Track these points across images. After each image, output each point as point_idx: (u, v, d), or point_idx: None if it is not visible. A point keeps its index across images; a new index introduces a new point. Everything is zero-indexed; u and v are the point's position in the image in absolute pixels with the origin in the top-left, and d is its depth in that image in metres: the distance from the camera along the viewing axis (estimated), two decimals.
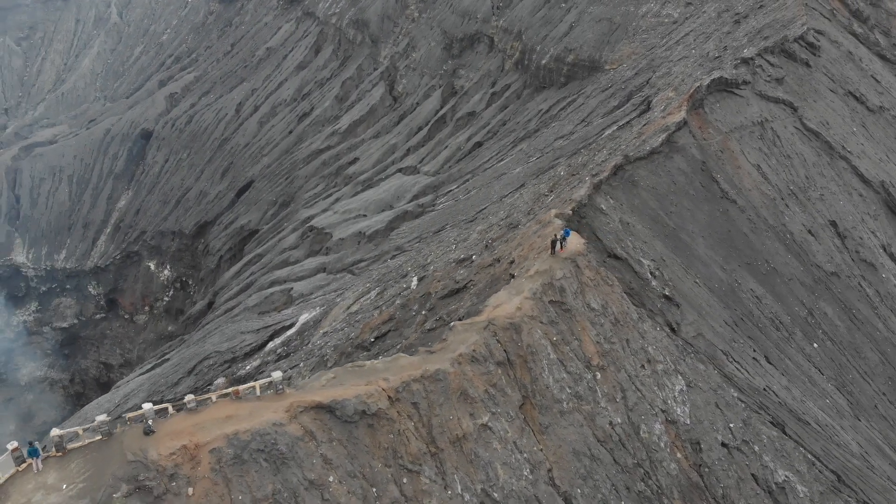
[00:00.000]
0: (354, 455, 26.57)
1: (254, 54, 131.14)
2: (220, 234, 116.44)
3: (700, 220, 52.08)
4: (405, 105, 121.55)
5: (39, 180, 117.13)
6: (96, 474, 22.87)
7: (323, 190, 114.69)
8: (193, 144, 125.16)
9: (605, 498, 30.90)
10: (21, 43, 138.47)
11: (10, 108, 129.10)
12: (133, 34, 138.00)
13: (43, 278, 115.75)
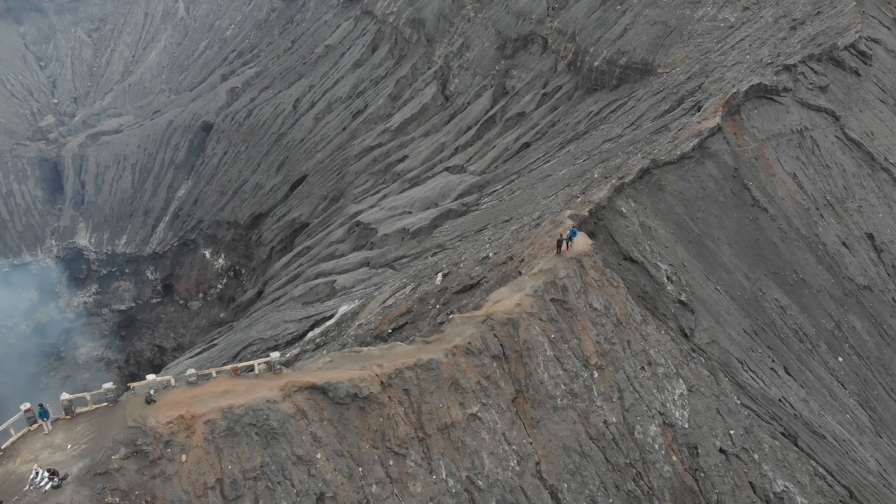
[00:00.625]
0: (343, 435, 28.20)
1: (313, 51, 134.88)
2: (273, 225, 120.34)
3: (727, 227, 51.92)
4: (456, 104, 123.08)
5: (104, 167, 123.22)
6: (99, 437, 25.13)
7: (372, 186, 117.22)
8: (251, 138, 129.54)
9: (592, 494, 31.72)
10: (91, 35, 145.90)
11: (79, 97, 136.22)
12: (198, 29, 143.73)
13: (104, 262, 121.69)
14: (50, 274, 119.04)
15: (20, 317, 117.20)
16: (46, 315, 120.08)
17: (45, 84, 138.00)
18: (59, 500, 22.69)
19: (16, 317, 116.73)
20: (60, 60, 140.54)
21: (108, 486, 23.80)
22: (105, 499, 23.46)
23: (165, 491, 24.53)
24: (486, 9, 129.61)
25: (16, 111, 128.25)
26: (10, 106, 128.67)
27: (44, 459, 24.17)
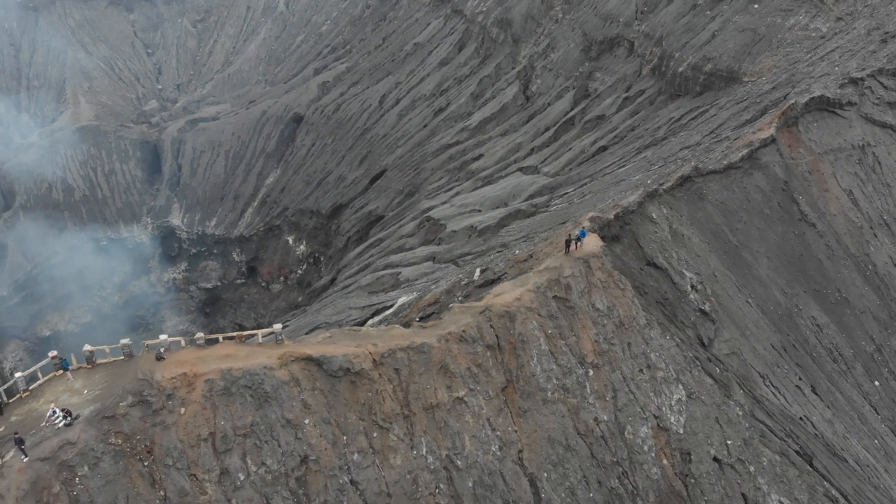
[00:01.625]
0: (333, 405, 30.95)
1: (402, 49, 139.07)
2: (351, 216, 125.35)
3: (769, 240, 51.57)
4: (536, 105, 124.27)
5: (200, 152, 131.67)
6: (112, 385, 28.91)
7: (446, 183, 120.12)
8: (338, 131, 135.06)
9: (572, 487, 33.19)
10: (197, 25, 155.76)
11: (181, 85, 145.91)
12: (296, 23, 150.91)
13: (194, 241, 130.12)
14: (144, 250, 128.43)
15: (114, 288, 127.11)
16: (138, 288, 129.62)
17: (151, 70, 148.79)
18: (68, 436, 26.46)
19: (109, 288, 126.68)
20: (166, 49, 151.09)
21: (112, 429, 27.44)
22: (109, 439, 27.09)
23: (163, 438, 27.97)
24: (574, 10, 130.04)
25: (122, 95, 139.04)
26: (118, 90, 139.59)
27: (62, 401, 28.13)
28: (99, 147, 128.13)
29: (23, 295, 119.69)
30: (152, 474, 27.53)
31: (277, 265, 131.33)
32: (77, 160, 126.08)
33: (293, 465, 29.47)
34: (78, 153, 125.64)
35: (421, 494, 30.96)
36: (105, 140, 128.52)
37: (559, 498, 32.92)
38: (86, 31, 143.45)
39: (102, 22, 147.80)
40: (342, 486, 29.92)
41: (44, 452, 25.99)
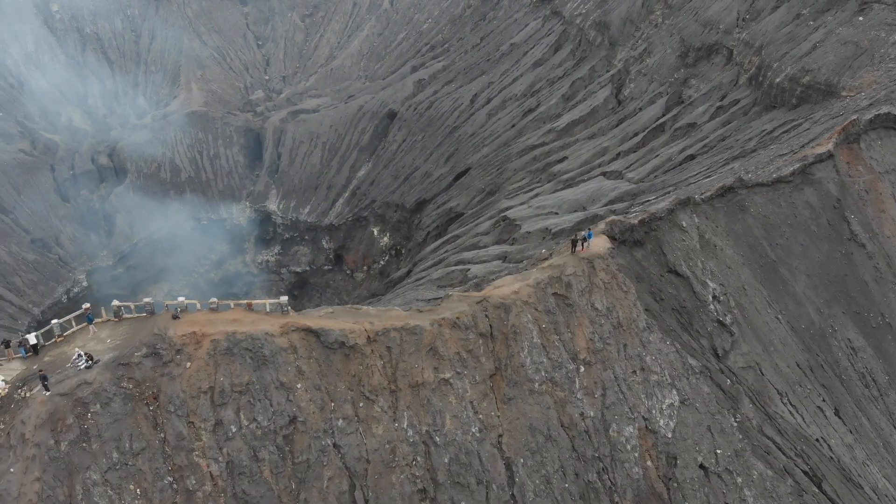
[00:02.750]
0: (325, 374, 34.28)
1: (498, 49, 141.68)
2: (433, 212, 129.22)
3: (813, 258, 50.92)
4: (627, 109, 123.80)
5: (299, 143, 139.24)
6: (131, 337, 33.37)
7: (527, 184, 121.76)
8: (429, 128, 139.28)
9: (548, 475, 35.09)
10: (305, 20, 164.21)
11: (287, 77, 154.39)
12: (399, 21, 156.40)
13: (288, 227, 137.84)
14: (241, 231, 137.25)
15: (211, 266, 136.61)
16: (233, 267, 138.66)
17: (259, 62, 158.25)
18: (86, 377, 31.01)
19: (207, 265, 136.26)
20: (275, 41, 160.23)
21: (126, 375, 31.82)
22: (121, 383, 31.48)
23: (168, 387, 32.12)
24: (674, 15, 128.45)
25: (232, 83, 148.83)
26: (228, 78, 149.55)
27: (88, 347, 32.79)
28: (206, 132, 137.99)
29: (126, 265, 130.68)
30: (155, 418, 31.70)
31: (362, 255, 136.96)
32: (185, 143, 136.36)
33: (282, 423, 32.95)
34: (186, 136, 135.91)
35: (398, 464, 33.73)
36: (212, 125, 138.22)
37: (533, 484, 34.82)
38: (202, 21, 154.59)
39: (217, 13, 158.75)
40: (324, 448, 33.14)
41: (64, 389, 30.63)
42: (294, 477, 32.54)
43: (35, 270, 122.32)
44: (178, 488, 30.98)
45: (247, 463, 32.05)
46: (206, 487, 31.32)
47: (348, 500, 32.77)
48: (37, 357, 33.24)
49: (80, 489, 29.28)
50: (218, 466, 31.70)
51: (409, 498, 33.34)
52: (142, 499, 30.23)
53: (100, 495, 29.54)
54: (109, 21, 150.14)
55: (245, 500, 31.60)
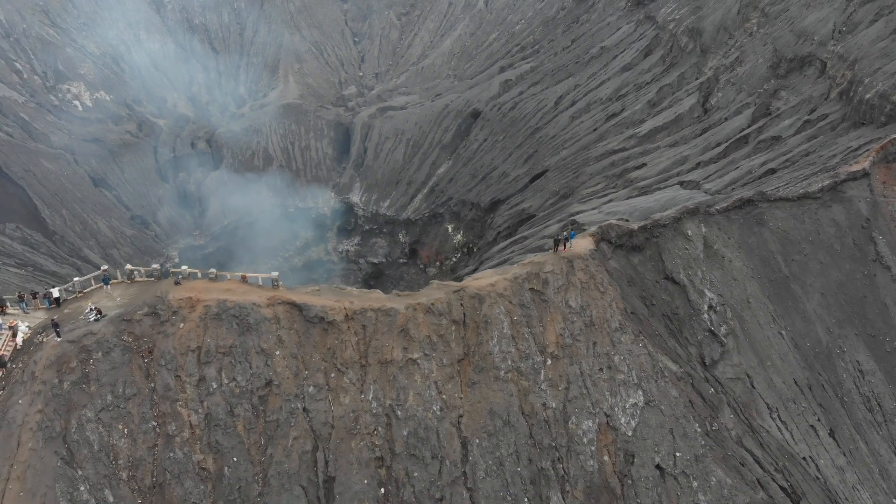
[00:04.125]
0: (302, 344, 38.43)
1: (588, 52, 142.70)
2: (506, 212, 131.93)
3: (831, 276, 50.89)
4: (712, 119, 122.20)
5: (385, 138, 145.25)
6: (137, 298, 38.65)
7: (601, 189, 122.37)
8: (511, 129, 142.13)
9: (502, 457, 37.85)
10: (401, 18, 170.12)
11: (379, 73, 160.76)
12: (492, 21, 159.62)
13: (368, 219, 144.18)
14: (324, 220, 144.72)
15: (295, 251, 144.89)
16: (315, 254, 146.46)
17: (355, 58, 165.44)
18: (93, 328, 36.40)
19: (291, 251, 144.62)
20: (371, 38, 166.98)
21: (127, 329, 37.04)
22: (122, 336, 36.71)
23: (162, 344, 37.11)
24: (770, 23, 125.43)
25: (327, 78, 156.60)
26: (323, 73, 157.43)
27: (101, 304, 38.28)
28: (299, 124, 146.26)
29: (217, 246, 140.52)
30: (148, 369, 36.75)
31: (435, 250, 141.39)
32: (279, 133, 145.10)
33: (258, 385, 37.31)
34: (280, 127, 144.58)
35: (359, 432, 37.40)
36: (305, 118, 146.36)
37: (486, 464, 37.61)
38: (303, 16, 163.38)
39: (318, 9, 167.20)
40: (294, 411, 37.24)
41: (72, 337, 36.13)
42: (264, 434, 36.80)
43: (132, 245, 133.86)
44: (160, 432, 35.87)
45: (223, 417, 36.57)
46: (185, 434, 36.06)
47: (310, 459, 36.71)
48: (58, 309, 39.11)
49: (75, 423, 34.61)
50: (197, 417, 36.38)
51: (366, 464, 36.92)
52: (127, 438, 35.30)
53: (91, 431, 34.79)
54: (217, 13, 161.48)
55: (218, 449, 36.13)
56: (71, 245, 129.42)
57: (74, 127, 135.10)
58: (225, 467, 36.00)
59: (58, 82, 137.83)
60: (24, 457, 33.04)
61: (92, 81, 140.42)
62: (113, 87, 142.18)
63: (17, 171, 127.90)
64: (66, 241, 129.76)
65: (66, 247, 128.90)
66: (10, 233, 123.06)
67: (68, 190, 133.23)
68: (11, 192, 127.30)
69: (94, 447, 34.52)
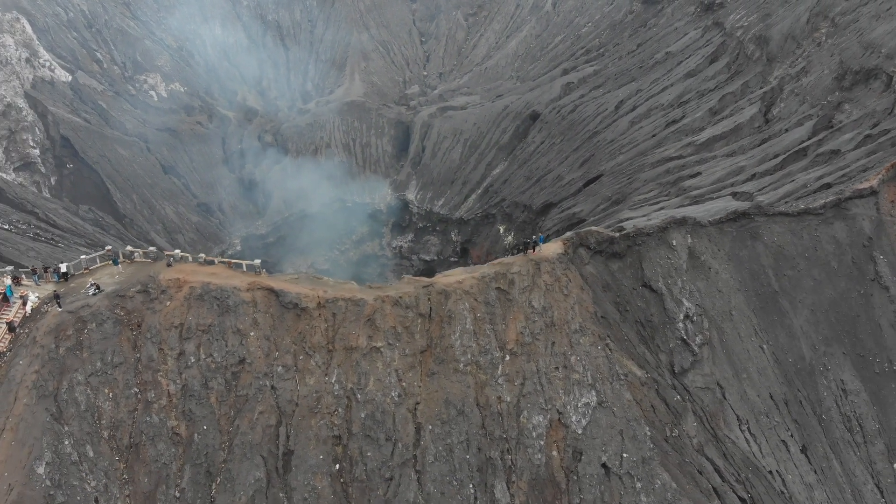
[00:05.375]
0: (276, 327, 42.33)
1: (652, 56, 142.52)
2: (556, 216, 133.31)
3: (824, 294, 51.31)
4: (773, 129, 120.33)
5: (443, 138, 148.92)
6: (132, 276, 43.37)
7: (654, 196, 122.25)
8: (569, 132, 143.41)
9: (452, 444, 40.76)
10: (468, 19, 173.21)
11: (443, 74, 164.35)
12: (559, 23, 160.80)
13: (422, 216, 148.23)
14: (380, 216, 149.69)
15: (351, 245, 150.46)
16: (370, 249, 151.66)
17: (420, 57, 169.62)
18: (90, 301, 41.26)
19: (347, 244, 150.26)
20: (438, 39, 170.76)
21: (120, 304, 41.76)
22: (115, 310, 41.44)
23: (149, 319, 41.66)
24: (838, 34, 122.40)
25: (391, 77, 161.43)
26: (389, 72, 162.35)
27: (102, 280, 43.17)
28: (361, 121, 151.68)
29: (278, 236, 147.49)
30: (136, 341, 41.35)
31: (486, 251, 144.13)
32: (341, 129, 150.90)
33: (232, 362, 41.38)
34: (343, 123, 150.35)
35: (320, 411, 40.94)
36: (367, 116, 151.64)
37: (436, 449, 40.51)
38: (372, 15, 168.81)
39: (388, 8, 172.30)
40: (262, 388, 41.12)
41: (71, 308, 41.09)
42: (234, 406, 40.84)
43: (196, 231, 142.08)
44: (141, 398, 40.38)
45: (198, 388, 40.79)
46: (163, 401, 40.46)
47: (273, 433, 40.50)
48: (66, 283, 44.27)
49: (66, 385, 39.47)
50: (175, 387, 40.72)
51: (324, 441, 40.42)
52: (111, 401, 39.93)
53: (80, 392, 39.58)
54: (290, 10, 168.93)
55: (191, 417, 40.36)
56: (139, 228, 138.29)
57: (149, 116, 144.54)
58: (195, 434, 40.19)
59: (136, 73, 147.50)
60: (18, 411, 38.07)
61: (168, 73, 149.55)
62: (187, 78, 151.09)
63: (93, 156, 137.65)
64: (135, 224, 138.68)
65: (135, 230, 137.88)
66: (83, 214, 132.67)
67: (139, 176, 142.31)
68: (86, 176, 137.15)
69: (80, 407, 39.29)
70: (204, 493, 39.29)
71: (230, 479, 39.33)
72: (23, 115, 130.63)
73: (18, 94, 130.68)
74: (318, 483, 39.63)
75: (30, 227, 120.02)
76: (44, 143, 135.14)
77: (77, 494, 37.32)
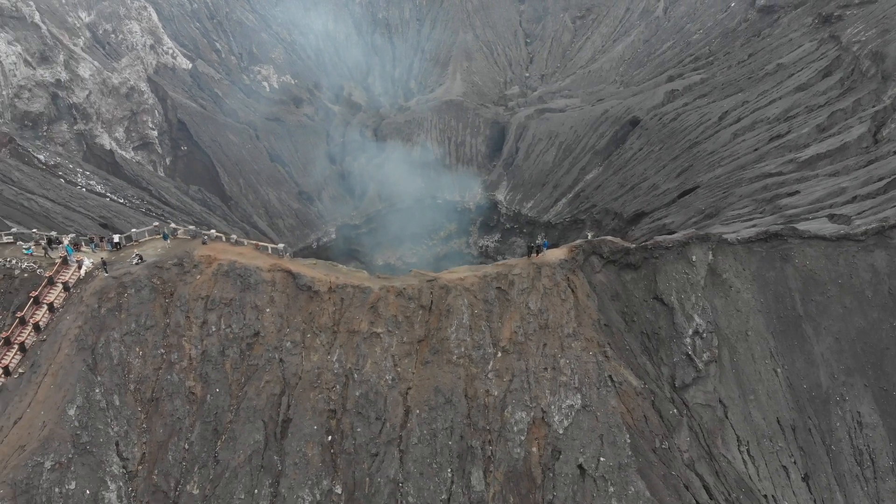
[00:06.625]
0: (289, 306, 46.86)
1: (763, 67, 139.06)
2: (646, 226, 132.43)
3: (853, 323, 50.94)
4: (881, 151, 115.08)
5: (538, 140, 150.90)
6: (171, 251, 49.04)
7: (747, 213, 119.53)
8: (669, 140, 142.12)
9: (436, 429, 43.97)
10: (576, 21, 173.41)
11: (546, 76, 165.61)
12: (669, 29, 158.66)
13: (510, 217, 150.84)
14: (468, 215, 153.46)
15: (439, 241, 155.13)
16: (457, 246, 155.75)
17: (524, 59, 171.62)
18: (132, 269, 47.20)
19: (435, 240, 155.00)
20: (543, 40, 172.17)
21: (157, 274, 47.45)
22: (152, 279, 47.17)
23: (180, 289, 47.12)
24: None
25: (493, 77, 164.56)
26: (490, 72, 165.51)
27: (147, 253, 49.07)
28: (458, 120, 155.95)
29: (370, 227, 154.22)
30: (167, 308, 46.89)
31: None
32: (437, 127, 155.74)
33: (248, 334, 46.18)
34: (439, 122, 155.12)
35: (320, 386, 45.05)
36: (464, 115, 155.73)
37: (420, 433, 43.73)
38: (479, 15, 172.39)
39: (495, 9, 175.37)
40: (271, 360, 45.68)
41: (115, 274, 47.16)
42: (245, 374, 45.61)
43: (296, 217, 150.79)
44: (165, 359, 45.84)
45: (215, 355, 45.83)
46: (184, 363, 45.75)
47: (275, 401, 44.95)
48: (118, 252, 50.52)
49: (103, 341, 45.44)
50: (196, 351, 45.94)
51: (320, 413, 44.49)
52: (140, 359, 45.61)
53: (114, 348, 45.46)
54: (399, 8, 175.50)
55: (206, 379, 45.45)
56: (243, 211, 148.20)
57: (260, 106, 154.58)
58: (208, 395, 45.21)
59: (251, 64, 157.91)
60: (60, 359, 44.31)
61: (280, 65, 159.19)
62: (297, 71, 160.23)
63: (206, 140, 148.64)
64: (240, 206, 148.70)
65: (239, 212, 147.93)
66: (192, 194, 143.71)
67: (247, 161, 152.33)
68: (198, 158, 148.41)
69: (113, 361, 45.14)
70: (209, 448, 44.22)
71: (233, 438, 44.06)
72: (144, 98, 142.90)
73: (142, 79, 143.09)
74: (309, 451, 43.73)
75: (142, 203, 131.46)
76: (162, 125, 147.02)
77: (100, 437, 43.08)
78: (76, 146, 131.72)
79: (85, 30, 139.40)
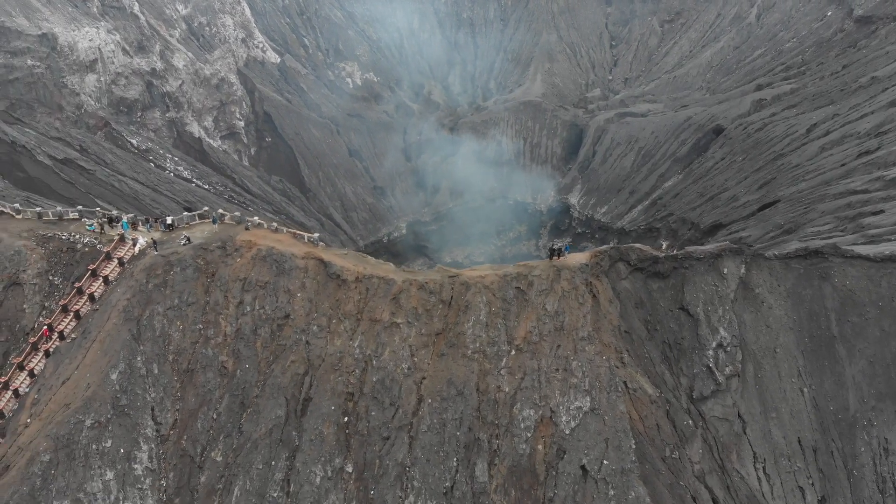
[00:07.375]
0: (319, 292, 49.77)
1: (857, 80, 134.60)
2: (723, 237, 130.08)
3: (889, 347, 50.24)
4: None
5: (616, 144, 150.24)
6: (218, 234, 52.73)
7: (828, 230, 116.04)
8: (752, 151, 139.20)
9: (445, 420, 46.02)
10: (664, 25, 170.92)
11: (629, 79, 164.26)
12: (761, 36, 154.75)
13: (582, 222, 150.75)
14: (539, 217, 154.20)
15: (507, 241, 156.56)
16: (525, 248, 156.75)
17: (608, 61, 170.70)
18: (178, 249, 51.07)
19: (504, 241, 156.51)
20: (629, 43, 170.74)
21: (202, 255, 51.17)
22: (197, 259, 50.92)
23: (221, 270, 50.69)
24: None
25: (574, 79, 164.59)
26: (572, 74, 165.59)
27: (194, 235, 52.92)
28: (535, 121, 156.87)
29: (440, 224, 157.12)
30: (208, 287, 50.52)
31: None
32: (514, 128, 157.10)
33: (279, 315, 49.31)
34: (516, 122, 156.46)
35: (340, 369, 47.71)
36: (542, 116, 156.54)
37: (430, 421, 45.77)
38: (564, 17, 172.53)
39: (581, 11, 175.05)
40: (298, 341, 48.66)
41: (164, 253, 51.15)
42: (273, 353, 48.73)
43: (369, 211, 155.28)
44: (203, 334, 49.45)
45: (248, 333, 49.14)
46: (219, 339, 49.26)
47: (299, 380, 47.87)
48: (170, 232, 54.61)
49: (148, 313, 49.43)
50: (231, 328, 49.38)
51: (338, 395, 47.13)
52: (180, 332, 49.38)
53: (158, 321, 49.39)
54: (484, 9, 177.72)
55: (237, 355, 48.82)
56: (320, 203, 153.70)
57: (342, 101, 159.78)
58: (238, 370, 48.55)
59: (336, 60, 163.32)
60: (108, 328, 48.51)
61: (364, 63, 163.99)
62: (381, 69, 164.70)
63: (289, 133, 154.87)
64: (317, 198, 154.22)
65: (316, 203, 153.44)
66: (273, 183, 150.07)
67: (327, 155, 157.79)
68: (281, 150, 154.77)
69: (155, 332, 49.05)
70: (235, 419, 47.51)
71: (257, 411, 47.22)
72: (233, 89, 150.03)
73: (232, 71, 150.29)
74: (325, 429, 46.39)
75: (226, 190, 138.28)
76: (248, 116, 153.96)
77: (138, 401, 47.00)
78: (167, 132, 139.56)
79: (181, 22, 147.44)
